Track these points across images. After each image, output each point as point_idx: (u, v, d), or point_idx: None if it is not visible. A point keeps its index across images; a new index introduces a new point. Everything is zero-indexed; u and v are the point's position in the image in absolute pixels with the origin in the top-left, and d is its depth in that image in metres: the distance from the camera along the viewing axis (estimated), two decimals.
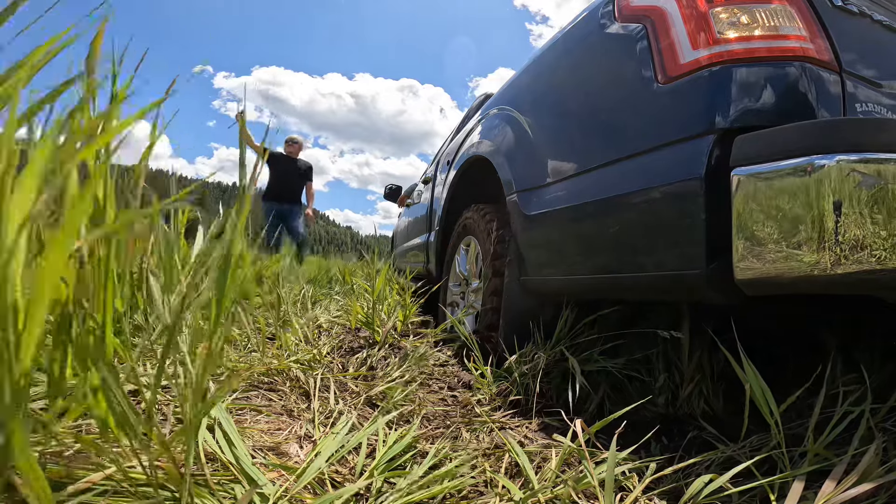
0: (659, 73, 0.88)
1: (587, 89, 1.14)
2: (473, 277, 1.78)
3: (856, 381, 0.87)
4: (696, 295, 0.81)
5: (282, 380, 0.98)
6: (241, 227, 0.54)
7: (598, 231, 1.00)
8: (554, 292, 1.20)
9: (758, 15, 0.82)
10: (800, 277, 0.64)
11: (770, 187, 0.67)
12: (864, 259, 0.60)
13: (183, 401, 0.50)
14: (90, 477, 0.46)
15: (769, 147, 0.69)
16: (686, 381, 1.10)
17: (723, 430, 0.91)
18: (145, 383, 0.73)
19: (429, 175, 2.97)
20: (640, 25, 0.95)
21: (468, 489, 0.67)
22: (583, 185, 1.05)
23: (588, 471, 0.64)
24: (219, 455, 0.58)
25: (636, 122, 0.94)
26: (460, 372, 1.30)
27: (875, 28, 0.92)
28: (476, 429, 0.92)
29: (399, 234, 4.10)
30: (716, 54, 0.81)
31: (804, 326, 1.17)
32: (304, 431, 0.77)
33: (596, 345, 1.20)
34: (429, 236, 2.56)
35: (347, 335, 1.47)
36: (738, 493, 0.63)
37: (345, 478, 0.65)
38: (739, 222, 0.70)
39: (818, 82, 0.78)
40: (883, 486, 0.58)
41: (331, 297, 2.28)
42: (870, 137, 0.62)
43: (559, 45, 1.33)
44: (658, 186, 0.84)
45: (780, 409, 0.70)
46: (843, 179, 0.61)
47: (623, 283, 0.93)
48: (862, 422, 0.71)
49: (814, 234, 0.62)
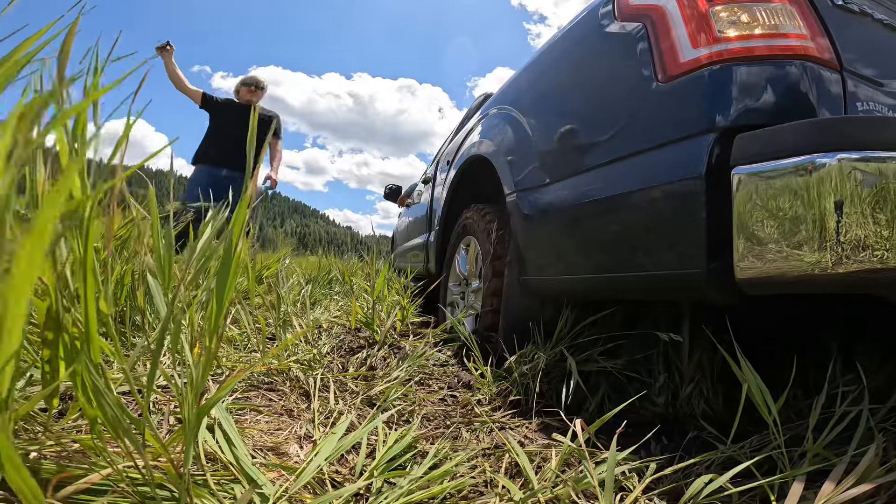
0: (659, 71, 0.88)
1: (587, 88, 1.14)
2: (473, 277, 1.78)
3: (855, 381, 0.87)
4: (696, 294, 0.81)
5: (282, 380, 0.98)
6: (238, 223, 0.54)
7: (598, 230, 1.00)
8: (554, 292, 1.20)
9: (758, 13, 0.82)
10: (801, 277, 0.64)
11: (771, 186, 0.67)
12: (866, 258, 0.59)
13: (182, 400, 0.50)
14: (89, 477, 0.46)
15: (770, 145, 0.68)
16: (686, 381, 1.10)
17: (723, 430, 0.91)
18: (143, 383, 0.73)
19: (429, 175, 2.97)
20: (639, 24, 0.95)
21: (468, 489, 0.67)
22: (583, 184, 1.05)
23: (588, 471, 0.64)
24: (219, 455, 0.58)
25: (636, 121, 0.93)
26: (460, 372, 1.30)
27: (876, 27, 0.92)
28: (476, 429, 0.92)
29: (399, 234, 4.10)
30: (716, 53, 0.81)
31: (804, 326, 1.16)
32: (304, 431, 0.77)
33: (596, 345, 1.20)
34: (429, 236, 2.56)
35: (347, 335, 1.47)
36: (738, 493, 0.62)
37: (345, 478, 0.65)
38: (740, 221, 0.70)
39: (819, 81, 0.78)
40: (883, 486, 0.58)
41: (331, 298, 2.28)
42: (871, 135, 0.62)
43: (558, 45, 1.33)
44: (658, 185, 0.83)
45: (777, 407, 0.70)
46: (844, 178, 0.60)
47: (623, 282, 0.93)
48: (861, 422, 0.71)
49: (815, 234, 0.62)
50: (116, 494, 0.47)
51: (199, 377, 0.49)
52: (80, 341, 0.46)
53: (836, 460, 0.63)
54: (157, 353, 0.49)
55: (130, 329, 0.94)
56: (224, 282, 0.52)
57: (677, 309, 1.16)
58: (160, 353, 0.49)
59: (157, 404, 0.74)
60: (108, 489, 0.47)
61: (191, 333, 0.72)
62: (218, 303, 0.52)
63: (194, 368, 0.50)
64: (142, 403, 0.49)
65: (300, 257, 4.58)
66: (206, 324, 0.53)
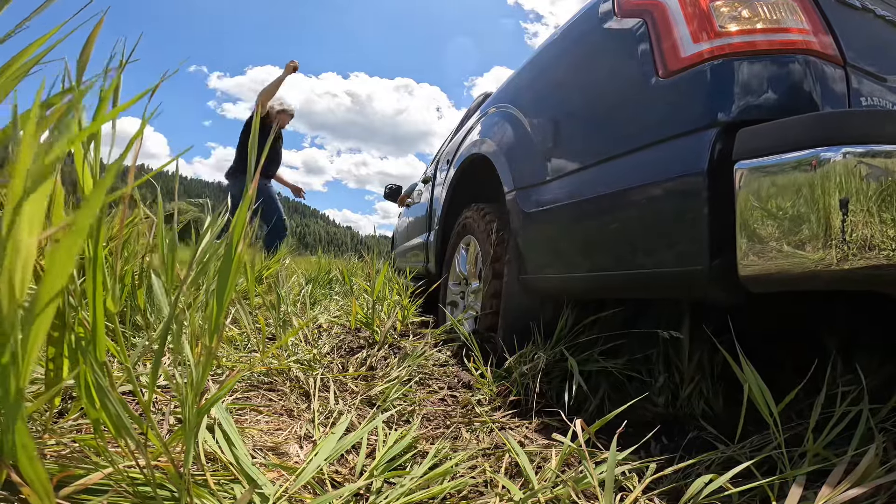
0: (660, 67, 0.88)
1: (587, 85, 1.13)
2: (473, 278, 1.78)
3: (855, 381, 0.87)
4: (698, 292, 0.80)
5: (282, 380, 0.98)
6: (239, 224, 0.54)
7: (599, 228, 0.99)
8: (554, 291, 1.19)
9: (759, 8, 0.82)
10: (805, 273, 0.63)
11: (774, 181, 0.65)
12: (871, 254, 0.58)
13: (182, 400, 0.50)
14: (89, 477, 0.46)
15: (773, 140, 0.67)
16: (686, 381, 1.10)
17: (723, 430, 0.91)
18: (144, 383, 0.73)
19: (429, 174, 2.97)
20: (639, 20, 0.95)
21: (468, 489, 0.67)
22: (583, 181, 1.05)
23: (588, 471, 0.64)
24: (219, 455, 0.58)
25: (637, 117, 0.93)
26: (460, 372, 1.30)
27: (878, 23, 0.91)
28: (476, 429, 0.92)
29: (399, 234, 4.10)
30: (717, 48, 0.80)
31: (804, 326, 1.16)
32: (304, 431, 0.77)
33: (596, 345, 1.20)
34: (428, 236, 2.56)
35: (347, 335, 1.47)
36: (738, 494, 0.62)
37: (345, 478, 0.65)
38: (743, 217, 0.68)
39: (822, 75, 0.77)
40: (883, 487, 0.58)
41: (330, 298, 2.28)
42: (876, 129, 0.61)
43: (558, 42, 1.33)
44: (659, 181, 0.83)
45: (779, 408, 0.70)
46: (849, 172, 0.59)
47: (624, 280, 0.92)
48: (861, 422, 0.71)
49: (819, 229, 0.61)
50: (117, 494, 0.47)
51: (200, 377, 0.49)
52: (87, 340, 0.46)
53: (836, 460, 0.63)
54: (160, 352, 0.49)
55: (131, 329, 0.94)
56: (225, 282, 0.52)
57: (677, 309, 1.16)
58: (162, 352, 0.49)
59: (157, 404, 0.74)
60: (108, 489, 0.47)
61: (191, 333, 0.72)
62: (218, 302, 0.52)
63: (195, 368, 0.50)
64: (144, 403, 0.49)
65: (300, 257, 4.56)
66: (206, 323, 0.53)
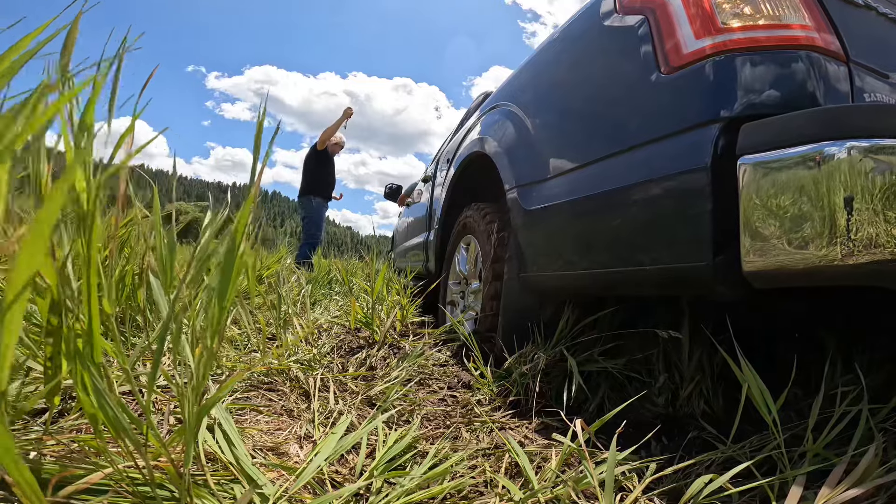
0: (661, 63, 0.87)
1: (588, 83, 1.13)
2: (473, 278, 1.78)
3: (855, 381, 0.87)
4: (701, 289, 0.79)
5: (282, 380, 0.98)
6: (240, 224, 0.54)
7: (601, 225, 0.99)
8: (554, 289, 1.19)
9: (761, 4, 0.81)
10: (809, 269, 0.62)
11: (778, 175, 0.65)
12: (877, 250, 0.57)
13: (182, 400, 0.50)
14: (89, 477, 0.46)
15: (777, 134, 0.67)
16: (686, 381, 1.10)
17: (723, 430, 0.91)
18: (144, 383, 0.73)
19: (429, 174, 2.96)
20: (641, 17, 0.95)
21: (468, 489, 0.67)
22: (584, 178, 1.04)
23: (588, 471, 0.64)
24: (219, 455, 0.58)
25: (639, 113, 0.93)
26: (460, 372, 1.30)
27: (880, 20, 0.91)
28: (476, 429, 0.92)
29: (399, 234, 4.10)
30: (720, 43, 0.80)
31: (804, 326, 1.16)
32: (304, 431, 0.77)
33: (596, 345, 1.20)
34: (428, 235, 2.55)
35: (347, 335, 1.47)
36: (738, 494, 0.63)
37: (345, 478, 0.65)
38: (746, 212, 0.68)
39: (825, 72, 0.77)
40: (883, 487, 0.58)
41: (330, 298, 2.28)
42: (880, 123, 0.60)
43: (559, 40, 1.33)
44: (662, 177, 0.82)
45: (777, 407, 0.70)
46: (854, 166, 0.58)
47: (626, 277, 0.91)
48: (861, 422, 0.71)
49: (824, 225, 0.60)
50: (117, 494, 0.47)
51: (200, 377, 0.49)
52: (83, 341, 0.46)
53: (836, 460, 0.63)
54: (159, 352, 0.49)
55: (130, 329, 0.94)
56: (226, 281, 0.52)
57: (677, 308, 1.15)
58: (162, 352, 0.49)
59: (156, 404, 0.74)
60: (108, 489, 0.47)
61: (191, 333, 0.72)
62: (219, 302, 0.52)
63: (195, 368, 0.50)
64: (143, 403, 0.49)
65: None
66: (206, 323, 0.53)
